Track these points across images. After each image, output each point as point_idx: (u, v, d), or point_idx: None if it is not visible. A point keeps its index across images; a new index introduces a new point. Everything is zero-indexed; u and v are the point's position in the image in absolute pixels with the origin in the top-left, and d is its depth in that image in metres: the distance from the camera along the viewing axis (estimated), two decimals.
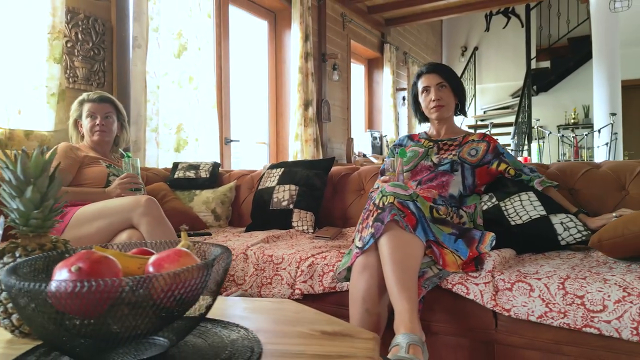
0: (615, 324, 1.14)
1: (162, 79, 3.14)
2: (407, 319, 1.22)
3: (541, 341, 1.26)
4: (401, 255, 1.33)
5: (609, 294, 1.17)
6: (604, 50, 5.45)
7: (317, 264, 1.61)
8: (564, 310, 1.20)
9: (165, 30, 3.17)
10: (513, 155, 1.91)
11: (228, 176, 2.74)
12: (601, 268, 1.31)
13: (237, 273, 1.76)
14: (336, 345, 0.72)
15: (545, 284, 1.25)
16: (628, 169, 1.75)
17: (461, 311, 1.37)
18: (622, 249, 1.33)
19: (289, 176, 2.29)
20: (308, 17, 4.69)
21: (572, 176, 1.84)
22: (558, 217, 1.61)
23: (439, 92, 1.89)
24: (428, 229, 1.41)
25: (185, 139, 3.23)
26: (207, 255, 0.75)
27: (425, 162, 1.87)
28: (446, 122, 1.97)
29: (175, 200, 2.42)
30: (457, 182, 1.81)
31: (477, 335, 1.36)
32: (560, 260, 1.45)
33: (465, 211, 1.77)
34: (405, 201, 1.42)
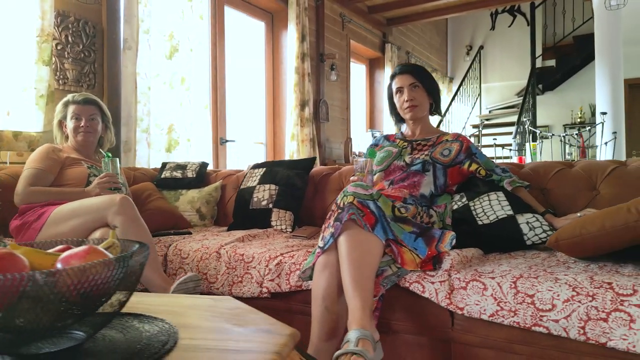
0: (563, 323, 1.14)
1: (153, 80, 3.18)
2: (359, 316, 1.24)
3: (494, 340, 1.27)
4: (358, 254, 1.35)
5: (559, 293, 1.17)
6: (606, 49, 5.40)
7: (285, 263, 1.63)
8: (514, 309, 1.21)
9: (157, 32, 3.21)
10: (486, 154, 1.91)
11: (215, 176, 2.77)
12: (558, 268, 1.31)
13: (210, 272, 1.79)
14: (250, 340, 0.74)
15: (499, 283, 1.25)
16: (600, 169, 1.74)
17: (419, 310, 1.38)
18: (580, 249, 1.33)
19: (269, 176, 2.31)
20: (305, 17, 4.71)
21: (545, 176, 1.84)
22: (524, 217, 1.61)
23: (412, 92, 1.90)
24: (388, 227, 1.42)
25: (176, 140, 3.27)
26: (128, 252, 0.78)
27: (398, 162, 1.88)
28: (421, 122, 1.98)
29: (160, 200, 2.46)
30: (428, 182, 1.82)
31: (435, 333, 1.37)
32: (522, 259, 1.45)
33: (436, 210, 1.78)
34: (365, 200, 1.44)
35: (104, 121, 2.29)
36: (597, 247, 1.31)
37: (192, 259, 1.85)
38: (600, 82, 5.45)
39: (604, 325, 1.10)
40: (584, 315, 1.12)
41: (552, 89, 8.75)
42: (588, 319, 1.11)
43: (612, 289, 1.12)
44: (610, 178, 1.71)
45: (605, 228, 1.28)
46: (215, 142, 4.07)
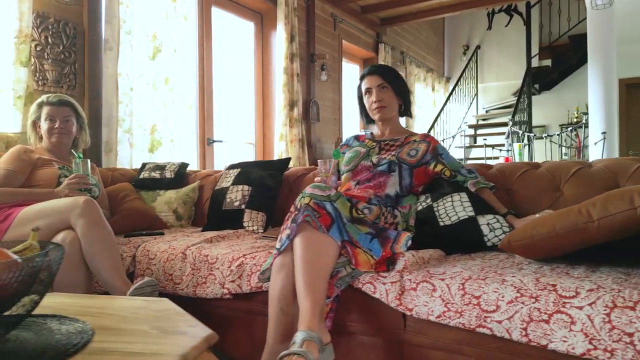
0: (506, 324, 1.14)
1: (136, 80, 3.19)
2: (307, 318, 1.24)
3: (444, 341, 1.26)
4: (311, 255, 1.35)
5: (504, 294, 1.17)
6: (599, 48, 5.38)
7: (247, 264, 1.63)
8: (460, 310, 1.21)
9: (139, 33, 3.21)
10: (453, 156, 1.91)
11: (194, 176, 2.78)
12: (510, 269, 1.30)
13: (175, 273, 1.79)
14: (160, 343, 0.74)
15: (447, 285, 1.25)
16: (564, 170, 1.74)
17: (373, 311, 1.38)
18: (531, 250, 1.33)
19: (243, 177, 2.31)
20: (294, 18, 4.71)
21: (511, 177, 1.83)
22: (485, 218, 1.60)
23: (380, 93, 1.90)
24: (343, 228, 1.42)
25: (159, 140, 3.28)
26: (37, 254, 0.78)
27: (365, 162, 1.88)
28: (390, 123, 1.97)
29: (136, 201, 2.46)
30: (394, 182, 1.81)
31: (388, 335, 1.36)
32: (480, 261, 1.45)
33: (400, 211, 1.77)
34: (321, 202, 1.44)
35: (79, 122, 2.30)
36: (549, 248, 1.30)
37: (158, 260, 1.85)
38: (592, 82, 5.43)
39: (545, 327, 1.09)
40: (526, 317, 1.12)
41: (549, 88, 8.72)
42: (530, 321, 1.11)
43: (556, 290, 1.12)
44: (574, 179, 1.70)
45: (556, 230, 1.27)
46: (202, 142, 4.08)
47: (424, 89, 8.06)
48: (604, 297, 1.06)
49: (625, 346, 1.00)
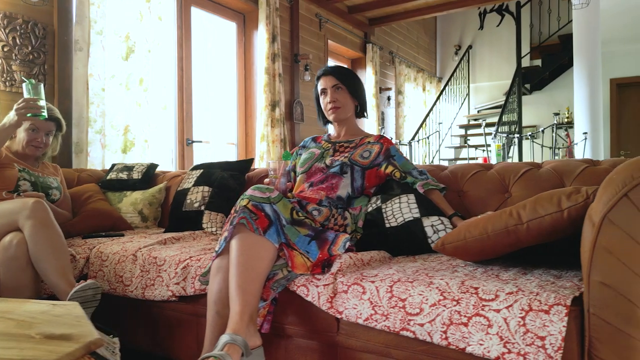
0: (428, 327, 1.13)
1: (108, 81, 3.18)
2: (234, 321, 1.23)
3: (374, 344, 1.26)
4: (246, 258, 1.34)
5: (428, 297, 1.16)
6: (584, 48, 5.36)
7: (192, 266, 1.62)
8: (387, 313, 1.20)
9: (112, 33, 3.21)
10: (406, 157, 1.90)
11: (162, 177, 2.77)
12: (444, 271, 1.29)
13: (126, 275, 1.79)
14: (37, 349, 0.73)
15: (377, 287, 1.24)
16: (513, 171, 1.73)
17: (309, 314, 1.37)
18: (463, 252, 1.32)
19: (204, 177, 2.31)
20: (275, 18, 4.70)
21: (462, 178, 1.83)
22: (430, 220, 1.60)
23: (335, 93, 1.89)
24: (281, 231, 1.41)
25: (132, 141, 3.27)
26: None
27: (319, 164, 1.88)
28: (346, 124, 1.97)
29: (100, 202, 2.46)
30: (346, 184, 1.81)
31: (323, 338, 1.36)
32: (420, 263, 1.44)
33: (351, 213, 1.77)
34: (260, 204, 1.43)
35: (57, 133, 2.29)
36: (481, 250, 1.29)
37: (110, 262, 1.84)
38: (578, 82, 5.41)
39: (464, 330, 1.08)
40: (447, 320, 1.11)
41: (540, 88, 8.70)
42: (450, 324, 1.10)
43: (477, 293, 1.11)
44: (522, 180, 1.69)
45: (487, 232, 1.26)
46: (181, 142, 4.07)
47: (414, 88, 8.05)
48: (521, 300, 1.05)
49: (537, 350, 0.99)
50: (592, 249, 0.98)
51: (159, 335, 1.75)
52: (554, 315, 1.00)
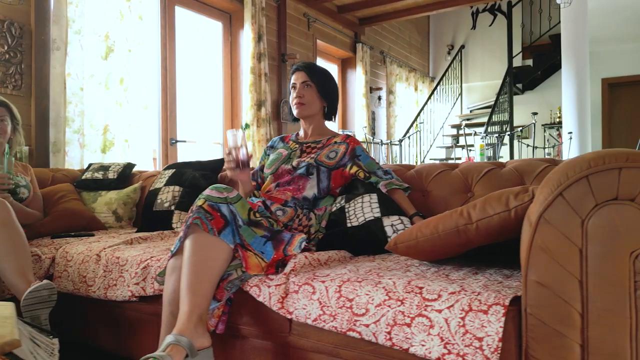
0: (373, 328, 1.12)
1: (87, 80, 3.17)
2: (181, 322, 1.23)
3: (324, 345, 1.25)
4: (198, 258, 1.33)
5: (374, 297, 1.15)
6: (572, 48, 5.36)
7: (152, 266, 1.61)
8: (334, 313, 1.19)
9: (90, 33, 3.20)
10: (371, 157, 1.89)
11: (138, 177, 2.76)
12: (396, 271, 1.29)
13: (89, 275, 1.78)
14: None
15: (326, 287, 1.23)
16: (476, 171, 1.72)
17: (262, 314, 1.36)
18: (415, 252, 1.31)
19: (176, 177, 2.30)
20: (261, 17, 4.69)
21: (427, 178, 1.82)
22: (390, 219, 1.59)
23: (303, 90, 1.88)
24: (236, 231, 1.40)
25: (111, 140, 3.26)
26: None
27: (286, 165, 1.87)
28: (312, 123, 1.96)
29: (73, 201, 2.45)
30: (312, 185, 1.80)
31: (277, 338, 1.35)
32: (377, 262, 1.44)
33: (316, 213, 1.76)
34: (216, 203, 1.42)
35: (13, 123, 2.28)
36: (433, 250, 1.29)
37: (75, 262, 1.84)
38: (566, 81, 5.41)
39: (407, 331, 1.08)
40: (391, 320, 1.10)
41: (532, 88, 8.71)
42: (394, 324, 1.10)
43: (421, 293, 1.10)
44: (484, 180, 1.69)
45: (438, 231, 1.26)
46: (165, 142, 4.06)
47: (405, 88, 8.05)
48: (462, 300, 1.04)
49: (475, 351, 0.99)
50: (528, 248, 0.97)
51: (120, 336, 1.74)
52: (492, 316, 0.99)
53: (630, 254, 0.87)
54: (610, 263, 0.89)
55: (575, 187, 0.92)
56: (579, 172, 0.92)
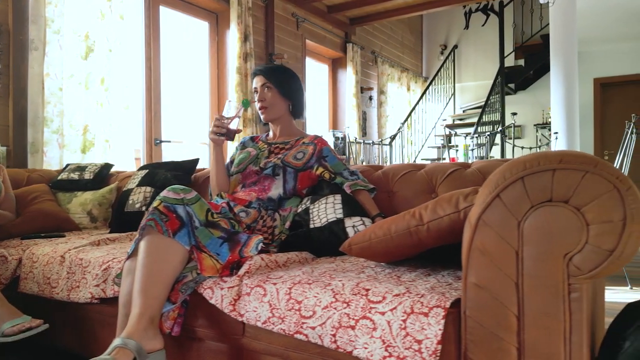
0: (319, 330, 1.12)
1: (66, 80, 3.16)
2: (130, 324, 1.22)
3: (275, 347, 1.24)
4: (151, 260, 1.32)
5: (322, 299, 1.14)
6: (560, 48, 5.35)
7: (112, 268, 1.60)
8: (283, 315, 1.18)
9: (70, 32, 3.19)
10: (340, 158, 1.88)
11: (115, 177, 2.75)
12: (350, 273, 1.28)
13: (53, 276, 1.77)
14: None
15: (277, 289, 1.23)
16: (440, 171, 1.71)
17: (216, 316, 1.35)
18: (369, 253, 1.30)
19: (148, 178, 2.29)
20: (248, 17, 4.68)
21: (393, 179, 1.81)
22: (352, 220, 1.58)
23: (263, 93, 1.88)
24: (192, 233, 1.39)
25: (91, 140, 3.25)
26: None
27: (254, 166, 1.86)
28: (280, 124, 1.95)
29: (47, 202, 2.43)
30: (278, 185, 1.79)
31: (230, 340, 1.34)
32: (336, 264, 1.43)
33: (281, 214, 1.75)
34: (173, 205, 1.41)
35: None
36: (386, 252, 1.28)
37: (40, 263, 1.82)
38: (555, 81, 5.40)
39: (351, 333, 1.07)
40: (336, 323, 1.09)
41: (524, 88, 8.70)
42: (339, 327, 1.09)
43: (367, 295, 1.09)
44: (448, 180, 1.68)
45: (391, 233, 1.25)
46: (149, 142, 4.05)
47: (398, 88, 8.04)
48: (405, 303, 1.03)
49: (414, 353, 0.98)
50: (468, 250, 0.96)
51: (84, 337, 1.73)
52: (432, 318, 0.98)
53: (564, 256, 0.87)
54: (545, 265, 0.88)
55: (512, 189, 0.91)
56: (515, 173, 0.91)
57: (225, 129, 1.80)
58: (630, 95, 8.05)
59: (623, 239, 0.81)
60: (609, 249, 0.82)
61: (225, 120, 1.82)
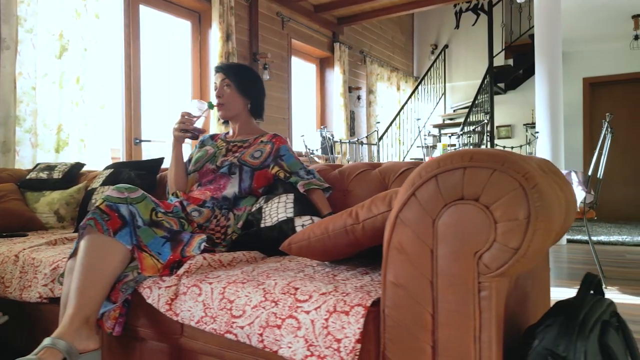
0: (247, 329, 1.11)
1: (40, 79, 3.15)
2: (63, 324, 1.21)
3: (210, 347, 1.23)
4: (89, 259, 1.31)
5: (252, 298, 1.13)
6: (545, 48, 5.35)
7: (61, 268, 1.59)
8: (215, 315, 1.18)
9: (44, 31, 3.18)
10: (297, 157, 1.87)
11: (85, 177, 2.74)
12: (289, 272, 1.27)
13: (7, 276, 1.76)
14: None
15: (212, 289, 1.22)
16: (393, 170, 1.71)
17: (157, 316, 1.34)
18: (308, 252, 1.30)
19: (112, 177, 2.28)
20: (230, 17, 4.67)
21: (348, 177, 1.81)
22: (302, 220, 1.58)
23: (222, 90, 1.87)
24: (134, 232, 1.39)
25: (65, 140, 3.24)
26: None
27: (210, 165, 1.85)
28: (238, 122, 1.95)
29: (12, 202, 2.42)
30: (233, 184, 1.79)
31: (170, 340, 1.33)
32: (280, 263, 1.42)
33: (235, 213, 1.74)
34: (115, 204, 1.40)
35: None
36: (324, 250, 1.27)
37: None
38: (539, 81, 5.40)
39: (277, 332, 1.06)
40: (264, 322, 1.09)
41: (514, 88, 8.71)
42: (267, 326, 1.08)
43: (295, 294, 1.09)
44: (401, 179, 1.67)
45: (328, 231, 1.24)
46: (129, 142, 4.04)
47: (387, 88, 8.04)
48: (329, 302, 1.03)
49: (334, 352, 0.97)
50: (387, 248, 0.96)
51: (37, 337, 1.71)
52: (352, 317, 0.98)
53: (474, 254, 0.86)
54: (457, 264, 0.88)
55: (426, 187, 0.91)
56: (430, 171, 0.91)
57: (191, 126, 1.80)
58: (618, 95, 8.06)
59: (527, 237, 0.81)
60: (514, 247, 0.82)
61: (190, 119, 1.82)
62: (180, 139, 1.82)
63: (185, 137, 1.81)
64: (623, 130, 8.00)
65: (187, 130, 1.78)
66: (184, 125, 1.78)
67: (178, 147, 1.85)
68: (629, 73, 7.76)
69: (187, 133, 1.79)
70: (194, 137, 1.81)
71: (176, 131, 1.80)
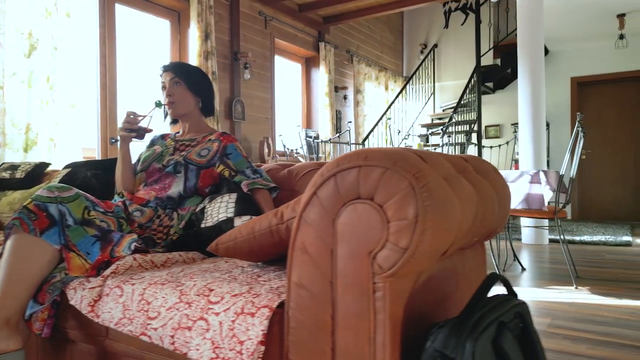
0: (160, 331, 1.09)
1: (8, 79, 3.12)
2: None
3: (133, 349, 1.21)
4: (14, 259, 1.29)
5: (168, 300, 1.11)
6: (527, 47, 5.33)
7: None
8: (133, 316, 1.15)
9: (12, 30, 3.15)
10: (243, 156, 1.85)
11: (48, 176, 2.71)
12: (216, 273, 1.25)
13: None
14: None
15: (133, 290, 1.20)
16: None
17: (83, 317, 1.32)
18: (234, 253, 1.28)
19: (68, 177, 2.26)
20: (209, 16, 4.65)
21: (296, 177, 1.79)
22: (242, 219, 1.56)
23: (172, 88, 1.85)
24: (62, 232, 1.36)
25: (33, 139, 3.21)
26: None
27: (157, 164, 1.83)
28: (188, 120, 1.92)
29: None
30: (179, 183, 1.76)
31: (96, 342, 1.31)
32: (214, 264, 1.40)
33: (179, 213, 1.72)
34: (44, 203, 1.37)
35: None
36: (249, 251, 1.25)
37: None
38: (522, 80, 5.39)
39: (187, 334, 1.04)
40: (176, 324, 1.07)
41: (503, 87, 8.70)
42: (179, 327, 1.06)
43: (209, 296, 1.06)
44: None
45: (254, 232, 1.22)
46: (104, 141, 4.02)
47: (375, 87, 8.02)
48: (238, 303, 1.01)
49: (236, 355, 0.95)
50: (292, 248, 0.94)
51: None
52: (257, 319, 0.96)
53: (369, 253, 0.84)
54: (353, 264, 0.86)
55: (326, 186, 0.89)
56: (330, 170, 0.89)
57: (137, 125, 1.78)
58: (606, 94, 8.06)
59: (415, 236, 0.79)
60: (403, 246, 0.80)
61: (137, 118, 1.80)
62: (126, 138, 1.80)
63: (130, 137, 1.79)
64: (611, 130, 8.00)
65: (132, 129, 1.76)
66: (129, 125, 1.76)
67: (124, 147, 1.83)
68: (616, 72, 7.76)
69: (132, 132, 1.77)
70: (139, 136, 1.79)
71: (121, 131, 1.78)
